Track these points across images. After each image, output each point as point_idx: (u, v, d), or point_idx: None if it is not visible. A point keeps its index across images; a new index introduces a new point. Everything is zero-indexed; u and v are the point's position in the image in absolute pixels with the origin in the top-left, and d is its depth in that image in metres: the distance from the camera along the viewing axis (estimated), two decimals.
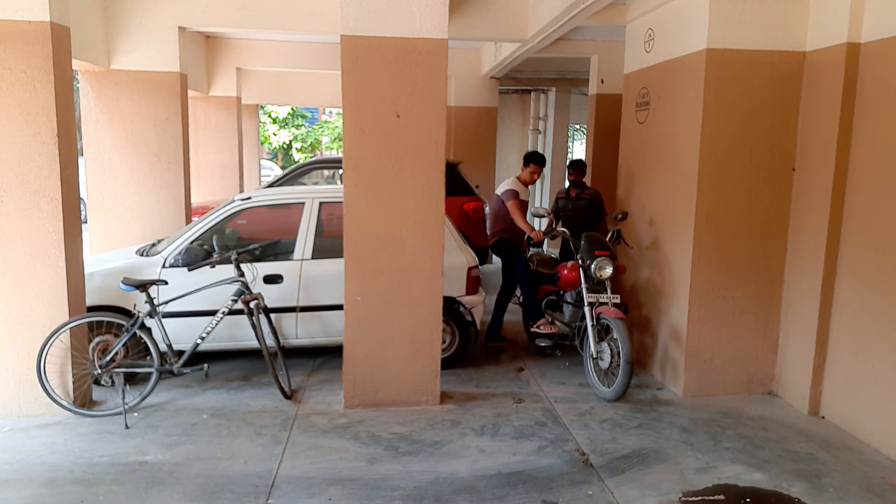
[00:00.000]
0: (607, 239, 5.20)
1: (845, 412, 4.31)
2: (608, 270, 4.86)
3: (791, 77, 4.58)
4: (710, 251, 4.68)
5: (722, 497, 3.48)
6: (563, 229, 5.37)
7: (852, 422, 4.25)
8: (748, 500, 3.45)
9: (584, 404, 4.67)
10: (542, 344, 5.43)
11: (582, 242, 5.09)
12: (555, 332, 5.50)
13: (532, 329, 5.61)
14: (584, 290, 4.95)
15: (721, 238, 4.68)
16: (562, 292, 5.49)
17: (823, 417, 4.49)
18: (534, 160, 5.81)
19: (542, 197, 12.54)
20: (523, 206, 5.79)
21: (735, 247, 4.70)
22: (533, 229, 5.52)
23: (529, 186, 5.95)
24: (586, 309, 4.88)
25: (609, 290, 4.91)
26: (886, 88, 4.01)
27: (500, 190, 5.78)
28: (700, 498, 3.47)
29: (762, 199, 4.68)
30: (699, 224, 4.64)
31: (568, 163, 6.68)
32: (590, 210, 6.28)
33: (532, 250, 6.09)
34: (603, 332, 4.85)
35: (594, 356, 4.82)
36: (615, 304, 4.84)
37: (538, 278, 5.78)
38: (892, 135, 3.97)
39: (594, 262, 4.88)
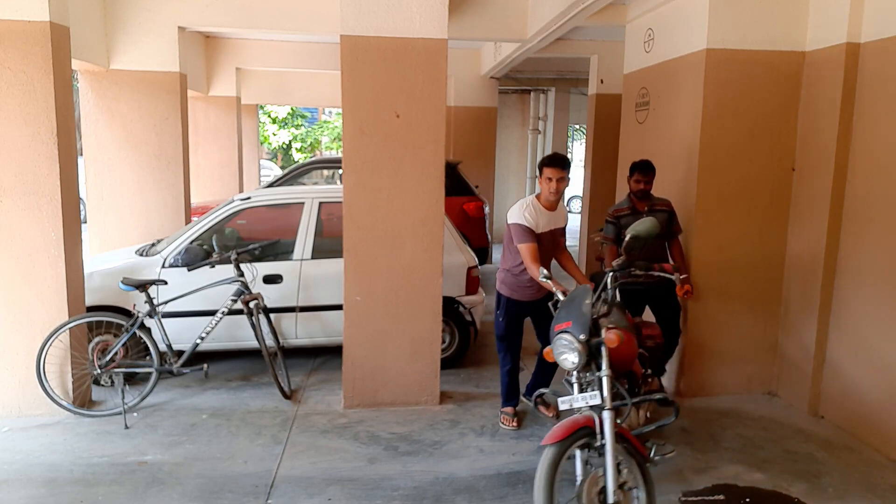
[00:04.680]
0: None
1: (845, 412, 4.31)
2: (567, 360, 2.94)
3: (791, 77, 4.58)
4: (710, 251, 4.67)
5: (722, 497, 3.48)
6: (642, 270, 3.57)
7: (852, 422, 4.25)
8: (748, 500, 3.45)
9: None
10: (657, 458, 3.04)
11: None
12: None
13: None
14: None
15: (721, 238, 4.67)
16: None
17: (823, 417, 4.49)
18: (549, 163, 3.99)
19: None
20: (548, 239, 4.05)
21: (735, 247, 4.70)
22: (555, 283, 3.49)
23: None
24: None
25: (603, 390, 2.84)
26: (886, 88, 4.01)
27: (510, 218, 4.02)
28: (700, 498, 3.47)
29: (762, 199, 4.68)
30: (699, 224, 4.64)
31: (631, 165, 4.53)
32: (669, 228, 4.50)
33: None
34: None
35: None
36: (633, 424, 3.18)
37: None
38: (892, 135, 3.97)
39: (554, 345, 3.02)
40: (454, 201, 7.40)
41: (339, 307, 4.62)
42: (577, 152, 24.25)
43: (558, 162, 3.99)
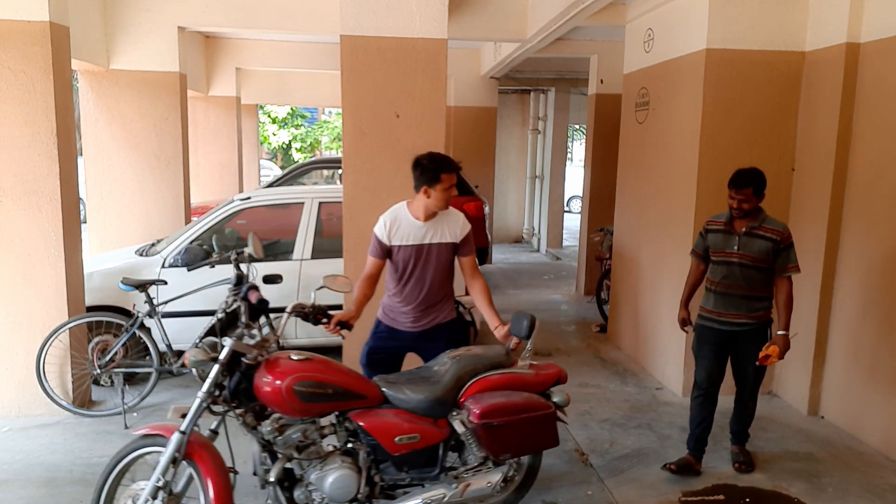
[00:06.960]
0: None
1: (845, 412, 4.31)
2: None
3: (791, 77, 4.58)
4: None
5: (722, 497, 3.48)
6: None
7: (852, 422, 4.25)
8: (748, 500, 3.45)
9: (584, 404, 4.66)
10: None
11: None
12: None
13: None
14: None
15: None
16: None
17: (823, 417, 4.49)
18: (449, 168, 3.27)
19: (539, 212, 12.43)
20: (423, 257, 3.34)
21: None
22: (355, 310, 3.27)
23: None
24: None
25: (191, 408, 2.78)
26: (886, 88, 4.01)
27: None
28: (700, 498, 3.47)
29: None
30: (698, 224, 4.62)
31: (732, 176, 3.55)
32: (771, 257, 3.51)
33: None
34: None
35: None
36: None
37: None
38: (892, 135, 3.97)
39: None
40: (454, 201, 7.37)
41: (338, 307, 4.61)
42: (577, 152, 24.29)
43: (455, 165, 3.24)
